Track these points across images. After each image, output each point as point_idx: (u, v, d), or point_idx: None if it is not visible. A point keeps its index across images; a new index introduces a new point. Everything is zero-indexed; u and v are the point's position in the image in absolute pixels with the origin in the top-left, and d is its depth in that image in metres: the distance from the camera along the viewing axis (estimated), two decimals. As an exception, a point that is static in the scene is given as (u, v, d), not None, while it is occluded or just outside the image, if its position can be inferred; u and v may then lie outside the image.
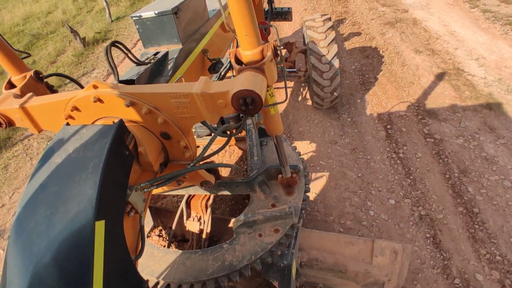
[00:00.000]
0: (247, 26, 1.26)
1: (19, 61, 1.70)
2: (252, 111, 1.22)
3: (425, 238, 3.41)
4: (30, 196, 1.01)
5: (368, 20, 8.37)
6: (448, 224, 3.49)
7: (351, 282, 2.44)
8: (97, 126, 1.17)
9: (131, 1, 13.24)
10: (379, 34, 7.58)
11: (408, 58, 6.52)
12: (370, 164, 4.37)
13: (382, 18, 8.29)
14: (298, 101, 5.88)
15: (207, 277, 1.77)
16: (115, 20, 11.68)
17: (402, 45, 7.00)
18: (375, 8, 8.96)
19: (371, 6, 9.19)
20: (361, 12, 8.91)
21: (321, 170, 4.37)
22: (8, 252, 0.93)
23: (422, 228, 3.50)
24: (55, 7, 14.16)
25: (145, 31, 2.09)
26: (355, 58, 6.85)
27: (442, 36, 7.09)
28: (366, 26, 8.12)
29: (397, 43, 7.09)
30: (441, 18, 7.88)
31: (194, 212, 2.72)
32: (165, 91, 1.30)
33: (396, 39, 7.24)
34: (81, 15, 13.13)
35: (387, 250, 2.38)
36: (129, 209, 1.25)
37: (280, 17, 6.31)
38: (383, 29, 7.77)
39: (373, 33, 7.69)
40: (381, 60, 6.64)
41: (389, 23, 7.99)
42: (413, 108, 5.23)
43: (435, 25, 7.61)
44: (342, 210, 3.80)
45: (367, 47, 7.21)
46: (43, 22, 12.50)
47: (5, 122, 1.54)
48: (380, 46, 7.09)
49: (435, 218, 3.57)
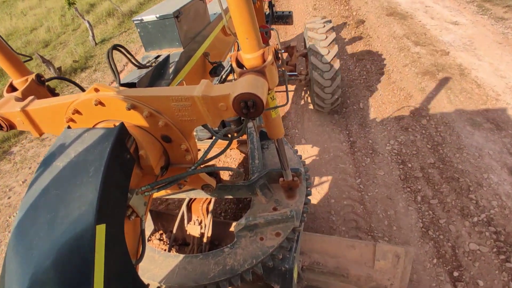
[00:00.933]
0: (248, 30, 1.26)
1: (21, 64, 1.71)
2: (253, 114, 1.22)
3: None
4: (31, 199, 1.01)
5: (399, 67, 6.32)
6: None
7: (353, 286, 2.42)
8: (98, 130, 1.17)
9: (119, 20, 12.47)
10: (417, 90, 5.59)
11: (465, 135, 4.54)
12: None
13: (418, 63, 6.29)
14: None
15: (208, 281, 1.76)
16: (100, 42, 10.67)
17: (452, 110, 5.06)
18: (407, 48, 6.84)
19: (401, 45, 7.03)
20: (388, 54, 6.83)
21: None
22: (7, 256, 0.93)
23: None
24: (40, 24, 13.37)
25: (147, 34, 2.10)
26: (390, 132, 4.86)
27: (502, 95, 5.16)
28: (398, 76, 6.07)
29: (444, 107, 5.14)
30: (494, 64, 5.94)
31: (195, 215, 2.71)
32: (166, 94, 1.30)
33: (443, 100, 5.27)
34: (66, 34, 12.23)
35: (389, 254, 2.36)
36: (129, 213, 1.24)
37: (281, 20, 6.34)
38: (422, 81, 5.79)
39: (408, 88, 5.69)
40: (427, 137, 4.65)
41: (428, 72, 5.99)
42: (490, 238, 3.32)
43: (488, 76, 5.65)
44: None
45: (405, 113, 5.18)
46: (24, 41, 11.66)
47: (6, 125, 1.54)
48: (423, 111, 5.15)
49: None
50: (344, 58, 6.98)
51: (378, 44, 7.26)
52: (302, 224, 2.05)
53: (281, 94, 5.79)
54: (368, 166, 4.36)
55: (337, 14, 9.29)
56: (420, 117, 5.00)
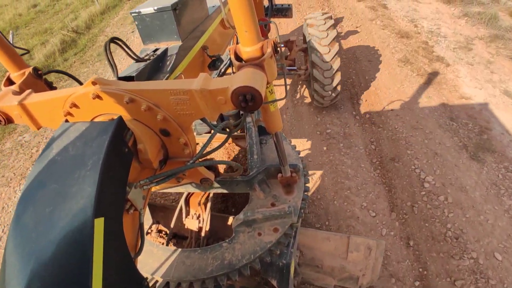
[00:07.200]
0: (247, 23, 1.25)
1: (18, 58, 1.69)
2: (251, 107, 1.21)
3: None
4: (29, 193, 1.01)
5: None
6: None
7: (327, 276, 2.50)
8: (96, 123, 1.16)
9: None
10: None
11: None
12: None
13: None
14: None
15: (206, 276, 1.77)
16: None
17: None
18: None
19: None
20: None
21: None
22: (6, 250, 0.93)
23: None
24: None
25: (144, 27, 2.08)
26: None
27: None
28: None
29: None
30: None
31: (193, 210, 2.71)
32: (164, 87, 1.29)
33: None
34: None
35: (361, 246, 2.43)
36: (128, 206, 1.24)
37: (280, 13, 6.30)
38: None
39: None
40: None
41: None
42: None
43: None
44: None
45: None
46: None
47: (4, 119, 1.54)
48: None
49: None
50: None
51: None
52: (300, 219, 2.06)
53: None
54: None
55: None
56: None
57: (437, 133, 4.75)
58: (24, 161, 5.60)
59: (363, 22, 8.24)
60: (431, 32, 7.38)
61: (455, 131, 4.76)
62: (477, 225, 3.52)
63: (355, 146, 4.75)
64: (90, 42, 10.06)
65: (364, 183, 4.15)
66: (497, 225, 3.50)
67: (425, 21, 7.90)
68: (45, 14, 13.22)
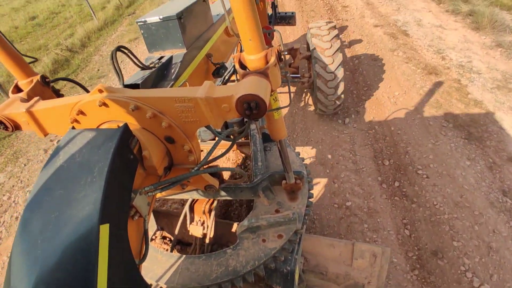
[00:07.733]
0: (251, 31, 1.27)
1: (26, 65, 1.72)
2: (256, 115, 1.22)
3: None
4: (36, 198, 1.02)
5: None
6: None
7: (332, 284, 2.47)
8: (102, 130, 1.17)
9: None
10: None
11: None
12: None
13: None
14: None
15: (210, 282, 1.76)
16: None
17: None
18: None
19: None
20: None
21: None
22: (12, 256, 0.94)
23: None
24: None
25: (150, 36, 2.11)
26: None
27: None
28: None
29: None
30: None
31: (197, 216, 2.71)
32: (169, 95, 1.31)
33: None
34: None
35: (366, 253, 2.41)
36: (133, 213, 1.25)
37: (283, 21, 6.35)
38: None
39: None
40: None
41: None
42: None
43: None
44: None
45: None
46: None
47: (11, 125, 1.56)
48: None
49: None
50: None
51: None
52: (304, 226, 2.05)
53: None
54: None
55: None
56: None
57: (489, 215, 3.63)
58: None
59: (383, 53, 7.10)
60: (461, 66, 6.26)
61: (510, 212, 3.60)
62: None
63: (383, 229, 3.67)
64: (84, 62, 9.73)
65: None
66: None
67: (453, 52, 6.77)
68: (42, 28, 13.07)
